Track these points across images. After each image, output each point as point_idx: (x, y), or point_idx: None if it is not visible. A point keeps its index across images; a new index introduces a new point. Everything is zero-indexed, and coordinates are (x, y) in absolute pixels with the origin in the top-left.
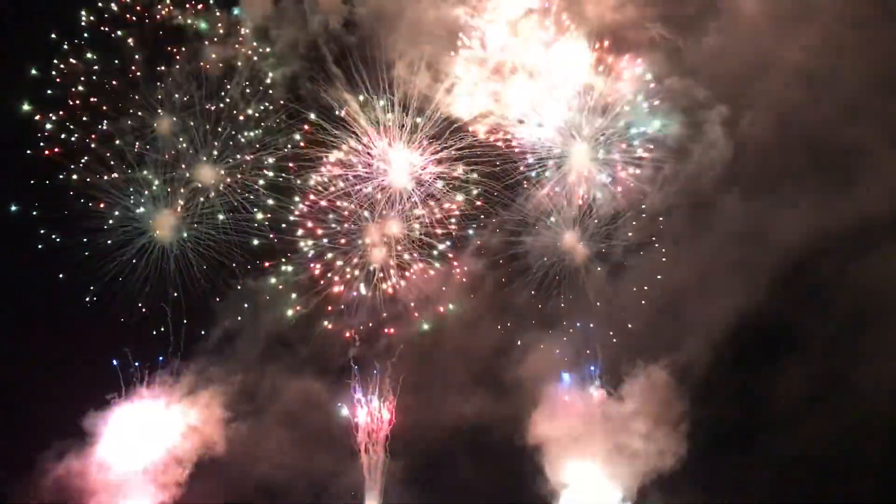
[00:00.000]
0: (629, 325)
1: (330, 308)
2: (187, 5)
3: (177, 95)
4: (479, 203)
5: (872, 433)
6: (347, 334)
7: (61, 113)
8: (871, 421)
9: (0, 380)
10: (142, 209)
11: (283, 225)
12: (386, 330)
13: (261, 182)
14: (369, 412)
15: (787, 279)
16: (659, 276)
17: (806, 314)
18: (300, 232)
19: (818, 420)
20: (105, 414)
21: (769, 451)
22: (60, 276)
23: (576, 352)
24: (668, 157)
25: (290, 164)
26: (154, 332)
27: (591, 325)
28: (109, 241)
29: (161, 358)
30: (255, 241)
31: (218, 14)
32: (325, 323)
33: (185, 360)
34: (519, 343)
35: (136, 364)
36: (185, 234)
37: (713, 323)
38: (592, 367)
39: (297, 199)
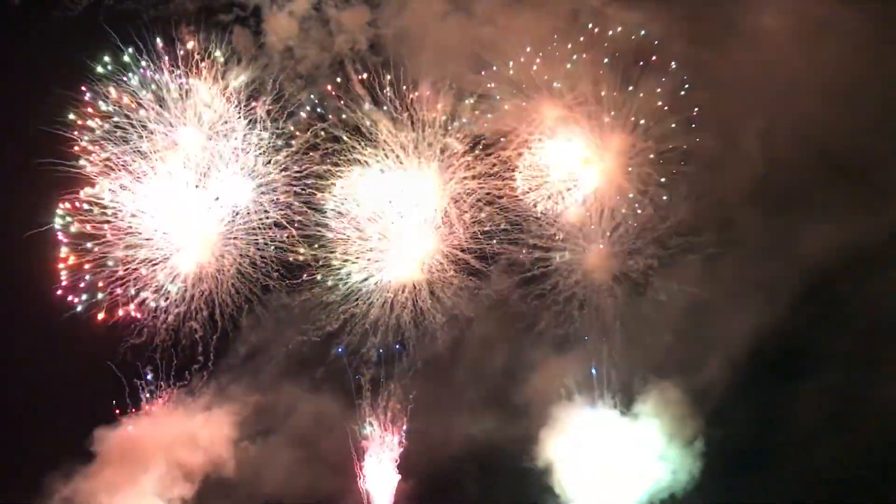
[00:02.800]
0: (646, 343)
1: (352, 327)
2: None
3: (205, 115)
4: (510, 218)
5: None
6: (367, 353)
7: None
8: (893, 441)
9: (11, 396)
10: (176, 226)
11: (317, 244)
12: (405, 348)
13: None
14: (381, 432)
15: (808, 296)
16: (679, 294)
17: (826, 332)
18: (330, 248)
19: (839, 440)
20: (116, 432)
21: (787, 471)
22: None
23: (589, 369)
24: (697, 173)
25: (320, 183)
26: (179, 350)
27: (607, 343)
28: (142, 257)
29: (187, 374)
30: (290, 258)
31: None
32: (347, 340)
33: (206, 378)
34: (534, 360)
35: (157, 382)
36: (224, 251)
37: (730, 340)
38: (605, 385)
39: (328, 217)
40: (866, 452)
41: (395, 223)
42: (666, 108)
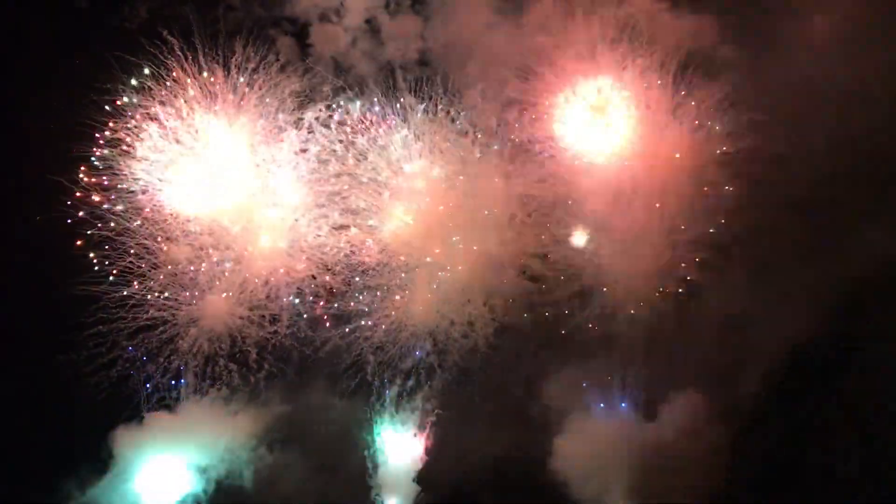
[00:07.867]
0: (675, 352)
1: (398, 335)
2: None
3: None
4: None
5: None
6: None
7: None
8: None
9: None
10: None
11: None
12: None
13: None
14: (401, 444)
15: (848, 307)
16: (719, 303)
17: (864, 343)
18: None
19: (875, 457)
20: (136, 433)
21: (819, 488)
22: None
23: (613, 379)
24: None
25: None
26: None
27: (636, 352)
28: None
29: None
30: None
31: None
32: (393, 352)
33: (253, 383)
34: (557, 370)
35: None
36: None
37: (763, 350)
38: (628, 395)
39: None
40: None
41: (458, 228)
42: (722, 110)
